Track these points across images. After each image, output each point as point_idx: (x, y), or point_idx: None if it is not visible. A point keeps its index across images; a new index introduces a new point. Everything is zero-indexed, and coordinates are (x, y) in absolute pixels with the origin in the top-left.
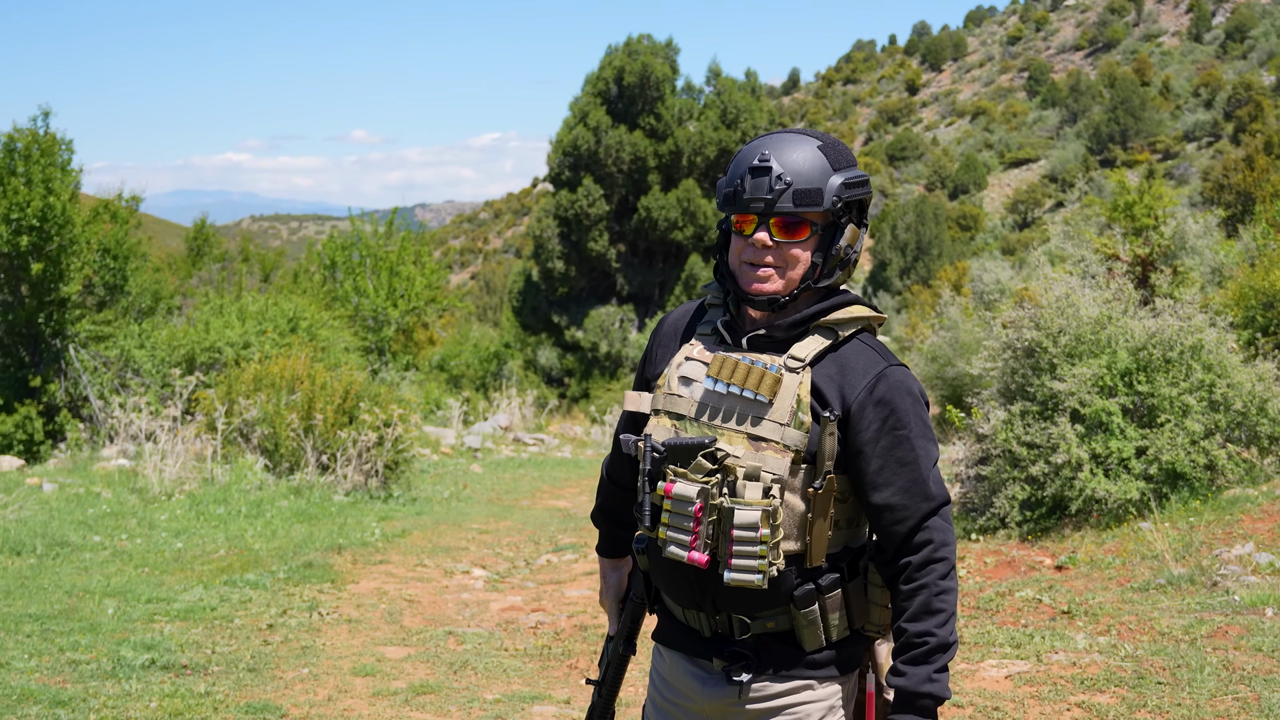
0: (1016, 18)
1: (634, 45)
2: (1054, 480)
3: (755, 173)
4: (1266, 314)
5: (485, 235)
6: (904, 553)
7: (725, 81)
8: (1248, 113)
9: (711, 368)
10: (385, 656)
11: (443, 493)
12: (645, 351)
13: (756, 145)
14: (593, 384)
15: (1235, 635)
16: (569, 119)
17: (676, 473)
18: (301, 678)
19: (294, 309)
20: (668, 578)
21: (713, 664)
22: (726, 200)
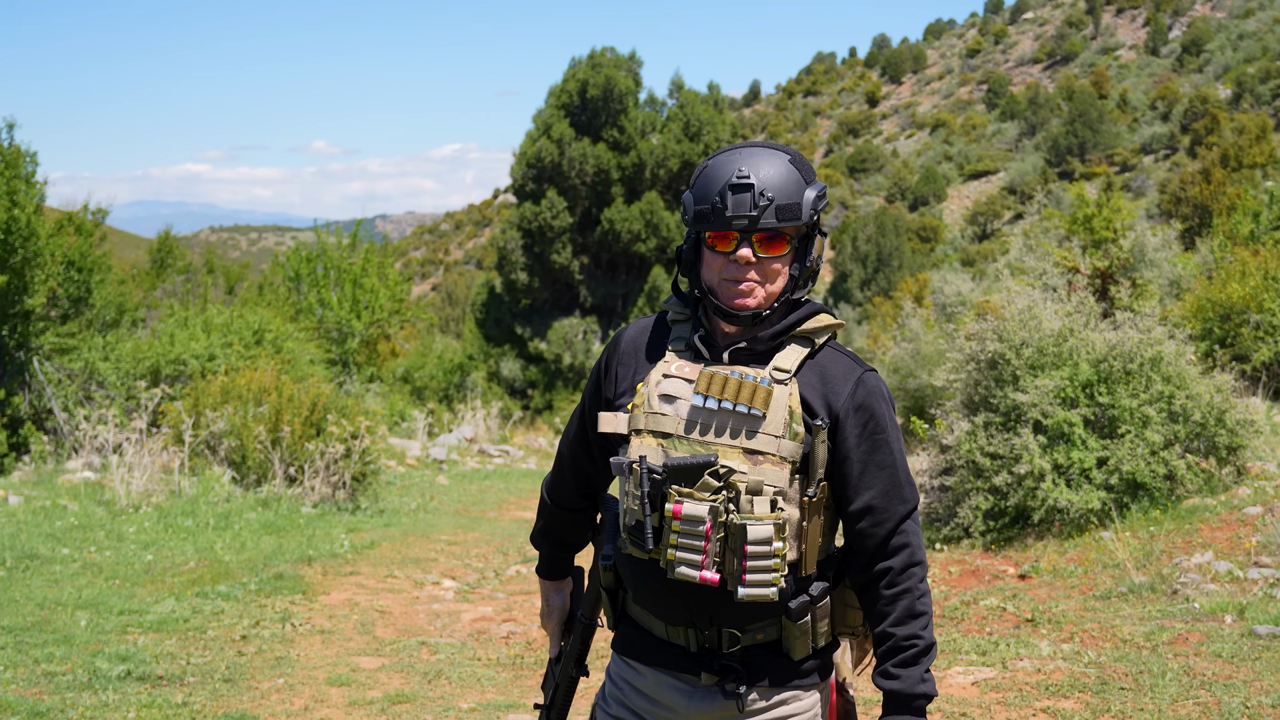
0: (975, 31)
1: (597, 58)
2: (1017, 490)
3: (736, 189)
4: (1223, 326)
5: (446, 246)
6: (882, 556)
7: (688, 94)
8: (1204, 125)
9: (699, 384)
10: (360, 667)
11: (410, 504)
12: (599, 369)
13: (729, 160)
14: (556, 395)
15: (1195, 642)
16: (532, 131)
17: (681, 493)
18: (277, 688)
19: (259, 321)
20: (658, 597)
21: (700, 679)
22: (701, 218)
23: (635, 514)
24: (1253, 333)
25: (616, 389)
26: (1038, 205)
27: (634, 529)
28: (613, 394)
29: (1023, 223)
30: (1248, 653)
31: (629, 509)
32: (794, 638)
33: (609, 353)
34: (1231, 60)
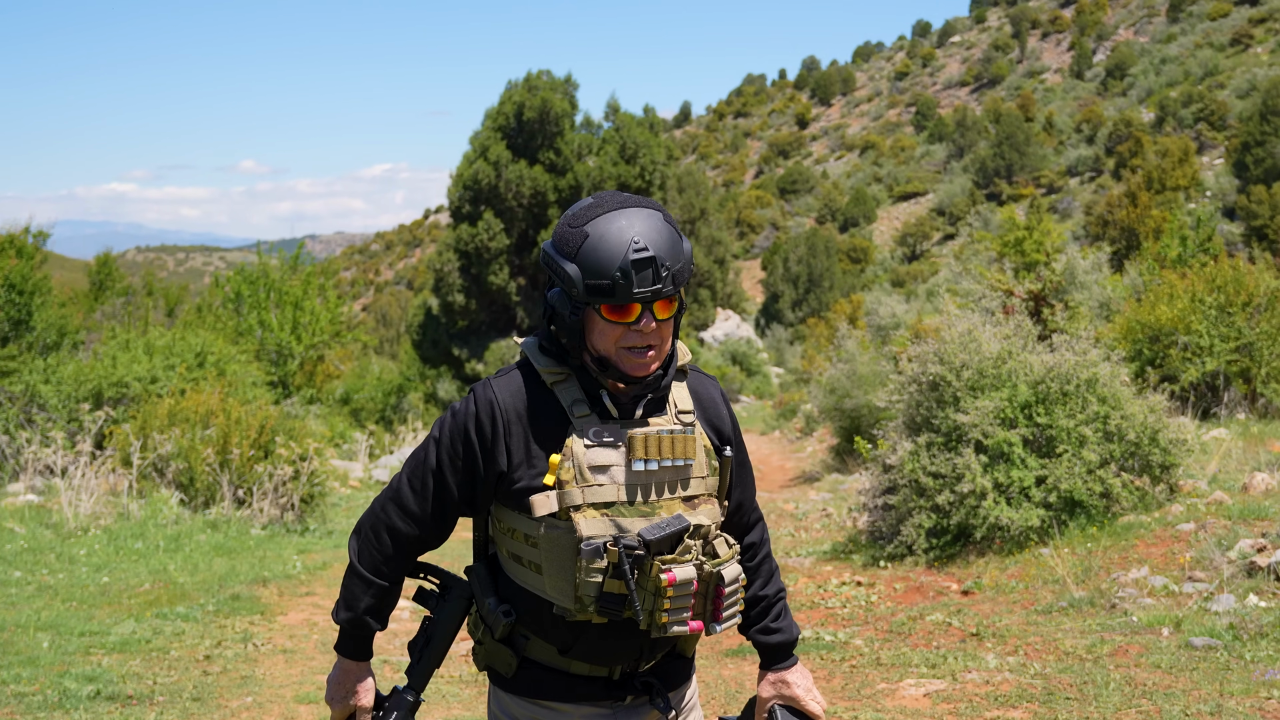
0: (904, 54)
1: (534, 81)
2: (959, 509)
3: (639, 265)
4: (1152, 347)
5: (377, 267)
6: (746, 534)
7: (624, 117)
8: (1128, 148)
9: (637, 449)
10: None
11: None
12: (478, 440)
13: (615, 228)
14: None
15: (1135, 653)
16: (469, 153)
17: (665, 561)
18: (246, 706)
19: (201, 344)
20: (605, 646)
21: (624, 701)
22: (599, 291)
23: (599, 586)
24: (1181, 354)
25: (510, 461)
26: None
27: (604, 600)
28: (507, 467)
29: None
30: (1185, 663)
31: (585, 581)
32: (691, 640)
33: (488, 422)
34: (1154, 84)
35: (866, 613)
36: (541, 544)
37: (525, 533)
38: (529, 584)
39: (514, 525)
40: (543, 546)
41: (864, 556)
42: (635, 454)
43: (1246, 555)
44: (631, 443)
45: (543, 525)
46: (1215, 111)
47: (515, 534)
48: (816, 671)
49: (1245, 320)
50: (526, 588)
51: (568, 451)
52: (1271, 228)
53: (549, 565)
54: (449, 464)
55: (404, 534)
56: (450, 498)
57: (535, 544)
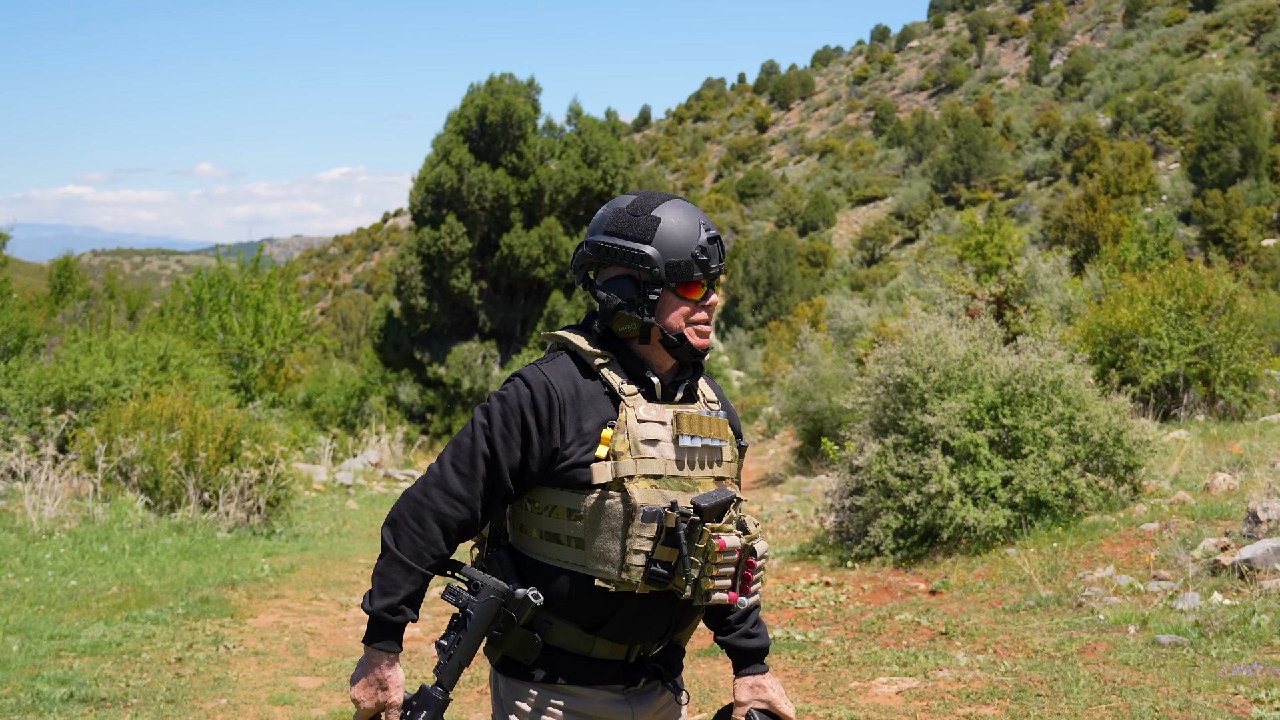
0: (862, 58)
1: (496, 84)
2: (926, 509)
3: (714, 242)
4: (1113, 350)
5: (335, 270)
6: None
7: (586, 121)
8: (1085, 153)
9: (683, 426)
10: (299, 686)
11: (323, 529)
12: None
13: (681, 213)
14: (455, 420)
15: (1103, 651)
16: (431, 156)
17: (715, 529)
18: (221, 708)
19: (164, 347)
20: (634, 623)
21: (638, 685)
22: (684, 269)
23: (650, 554)
24: (1141, 356)
25: (564, 438)
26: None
27: (657, 567)
28: (560, 443)
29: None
30: (1153, 660)
31: (636, 550)
32: (689, 631)
33: (544, 403)
34: (1111, 89)
35: (836, 612)
36: (589, 516)
37: (569, 508)
38: (566, 561)
39: (554, 502)
40: (590, 519)
41: (831, 557)
42: (681, 430)
43: (1210, 554)
44: (678, 419)
45: (593, 497)
46: (1171, 116)
47: (555, 511)
48: (789, 670)
49: (1204, 323)
50: (561, 566)
51: (621, 425)
52: (1226, 232)
53: (598, 536)
54: (502, 446)
55: (451, 518)
56: (501, 480)
57: (580, 518)
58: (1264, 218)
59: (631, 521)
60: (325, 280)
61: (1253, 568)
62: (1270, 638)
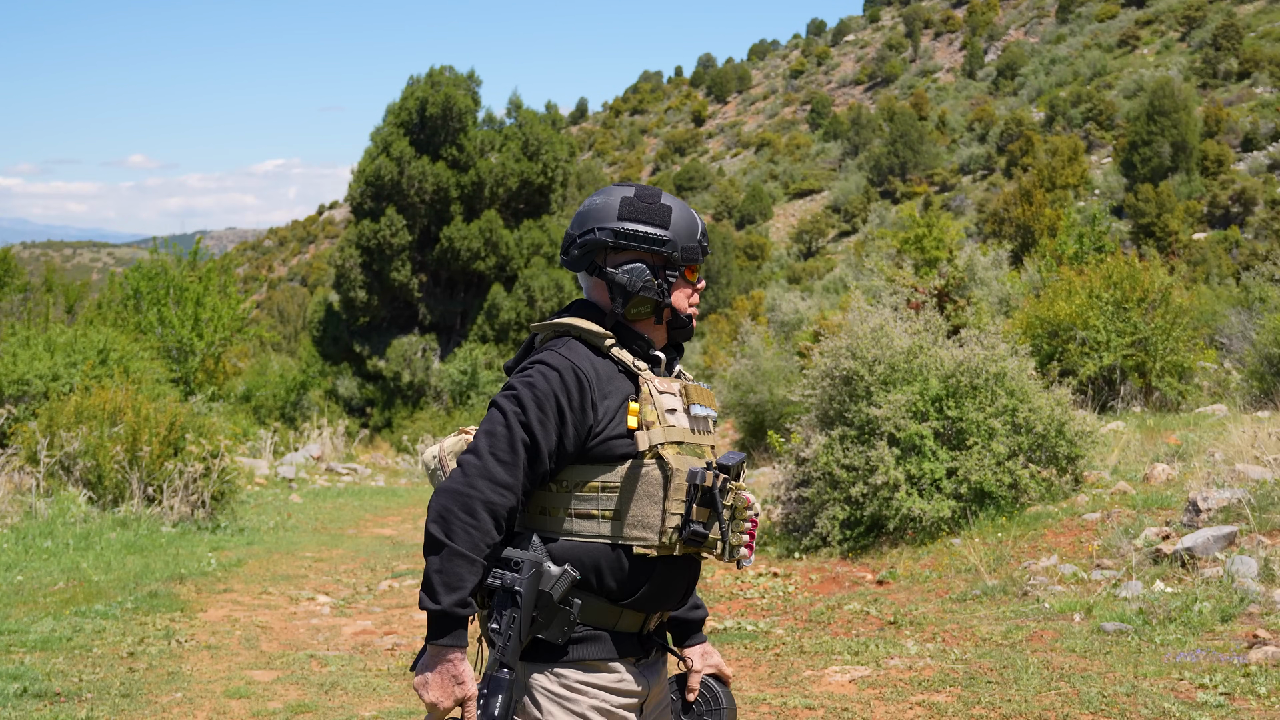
0: (799, 52)
1: (436, 76)
2: (872, 500)
3: (704, 229)
4: (1051, 342)
5: (270, 263)
6: None
7: (527, 114)
8: (1019, 147)
9: (693, 396)
10: (254, 679)
11: (268, 523)
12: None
13: (674, 202)
14: (395, 413)
15: (1050, 639)
16: (371, 149)
17: (738, 486)
18: (177, 701)
19: (104, 341)
20: (661, 590)
21: (650, 656)
22: (693, 253)
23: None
24: (1079, 349)
25: (598, 415)
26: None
27: (696, 528)
28: (595, 423)
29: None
30: (1099, 647)
31: (673, 513)
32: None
33: (574, 386)
34: (1044, 84)
35: (785, 603)
36: (625, 486)
37: (603, 482)
38: (601, 535)
39: (584, 478)
40: (625, 488)
41: (779, 548)
42: (691, 400)
43: (1152, 543)
44: (687, 390)
45: (626, 466)
46: (1103, 111)
47: (587, 487)
48: (742, 660)
49: (1140, 316)
50: (593, 540)
51: (646, 396)
52: (1158, 225)
53: (635, 503)
54: (540, 430)
55: (500, 506)
56: (541, 463)
57: (614, 489)
58: (1195, 211)
59: (669, 485)
60: (260, 273)
61: (1194, 556)
62: (1212, 624)
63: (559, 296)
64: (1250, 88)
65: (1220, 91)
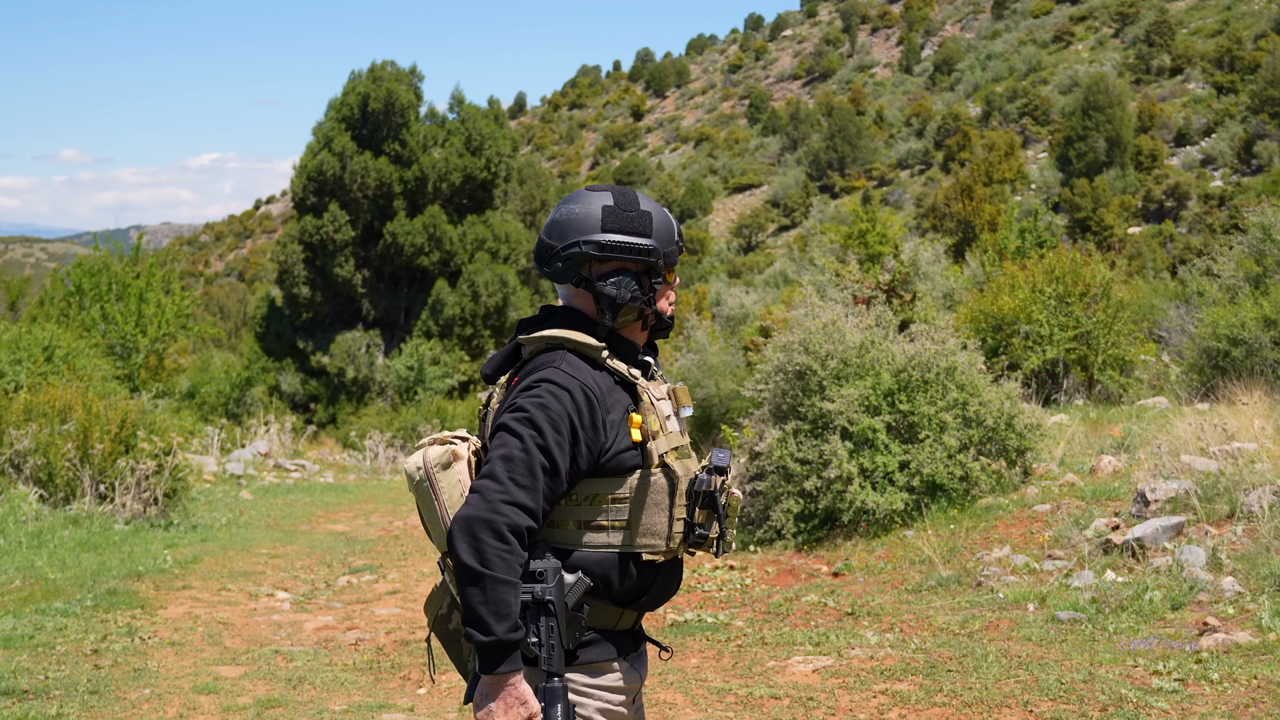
0: (737, 46)
1: (378, 71)
2: (826, 493)
3: (679, 227)
4: (995, 336)
5: (206, 258)
6: None
7: (469, 109)
8: (956, 142)
9: (681, 399)
10: (221, 675)
11: (220, 519)
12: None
13: (652, 205)
14: (339, 409)
15: (1006, 628)
16: (313, 144)
17: (729, 485)
18: (145, 698)
19: (49, 338)
20: (660, 589)
21: (638, 651)
22: (672, 256)
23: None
24: (1023, 342)
25: (607, 432)
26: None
27: (700, 531)
28: (606, 439)
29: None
30: (1054, 636)
31: (678, 519)
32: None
33: (585, 405)
34: (981, 79)
35: (743, 595)
36: (635, 497)
37: (612, 493)
38: (611, 544)
39: (594, 491)
40: (635, 499)
41: (734, 541)
42: (681, 402)
43: (1102, 534)
44: (676, 394)
45: (635, 477)
46: (1039, 106)
47: (597, 500)
48: (705, 652)
49: (1082, 310)
50: (602, 550)
51: (648, 406)
52: (1094, 220)
53: (645, 512)
54: (558, 452)
55: (524, 529)
56: (560, 485)
57: (623, 500)
58: (1130, 206)
59: (676, 492)
60: (197, 268)
61: (1143, 546)
62: (1163, 612)
63: (503, 292)
64: (1183, 83)
65: (1154, 87)
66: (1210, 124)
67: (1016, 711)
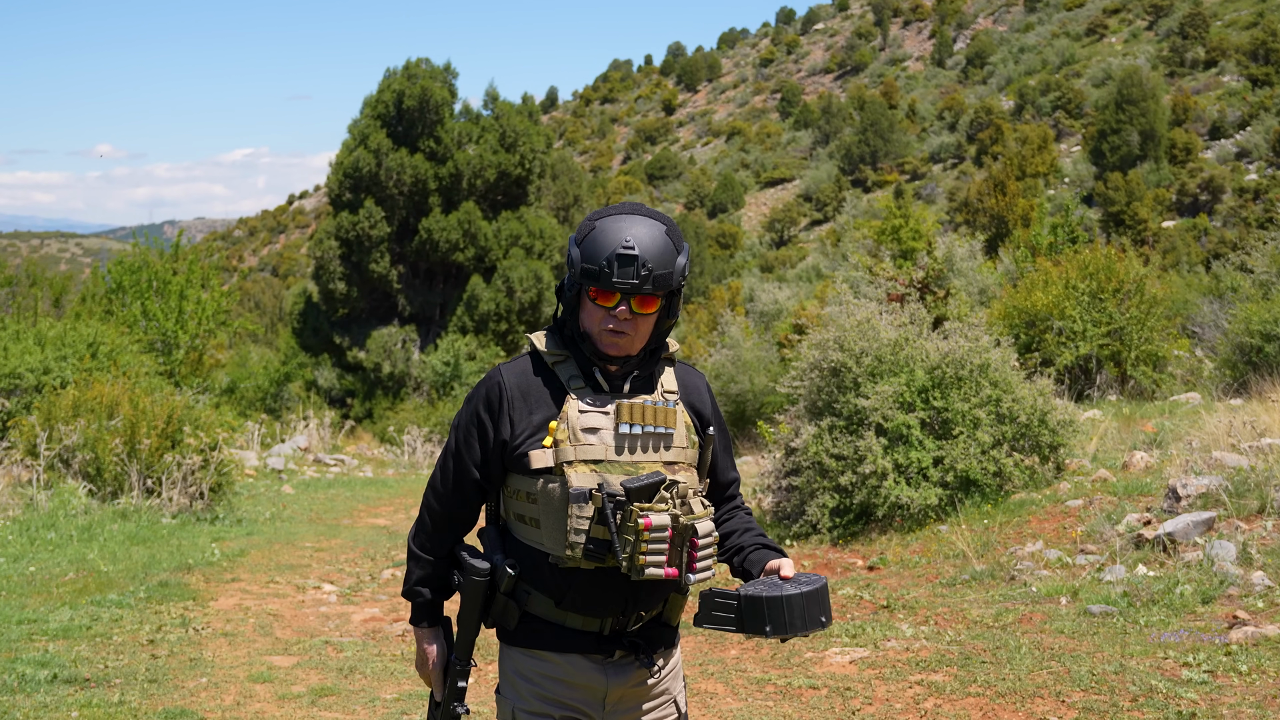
0: (768, 40)
1: (413, 69)
2: (861, 489)
3: (622, 260)
4: (1029, 332)
5: (240, 253)
6: (735, 499)
7: (503, 105)
8: (989, 136)
9: (622, 414)
10: (275, 665)
11: (264, 513)
12: (486, 415)
13: (616, 227)
14: (376, 404)
15: (1039, 621)
16: (349, 141)
17: (643, 508)
18: (203, 686)
19: (93, 334)
20: (593, 596)
21: (613, 656)
22: (588, 275)
23: (588, 533)
24: (1056, 339)
25: (514, 430)
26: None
27: (592, 545)
28: (509, 436)
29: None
30: (1086, 629)
31: (575, 529)
32: (676, 609)
33: (496, 400)
34: (1013, 72)
35: None
36: (540, 498)
37: (527, 491)
38: (530, 539)
39: (519, 487)
40: (540, 501)
41: (771, 535)
42: (621, 418)
43: (1134, 528)
44: (619, 409)
45: (541, 481)
46: (1072, 100)
47: (520, 495)
48: (744, 644)
49: (1116, 306)
50: (528, 543)
51: (564, 416)
52: (1128, 214)
53: (545, 517)
54: (464, 445)
55: (438, 512)
56: (467, 475)
57: (535, 500)
58: (1163, 200)
59: (569, 502)
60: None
61: (1174, 541)
62: (1194, 606)
63: (538, 287)
64: (1217, 76)
65: (1187, 80)
66: (1245, 117)
67: (1049, 701)
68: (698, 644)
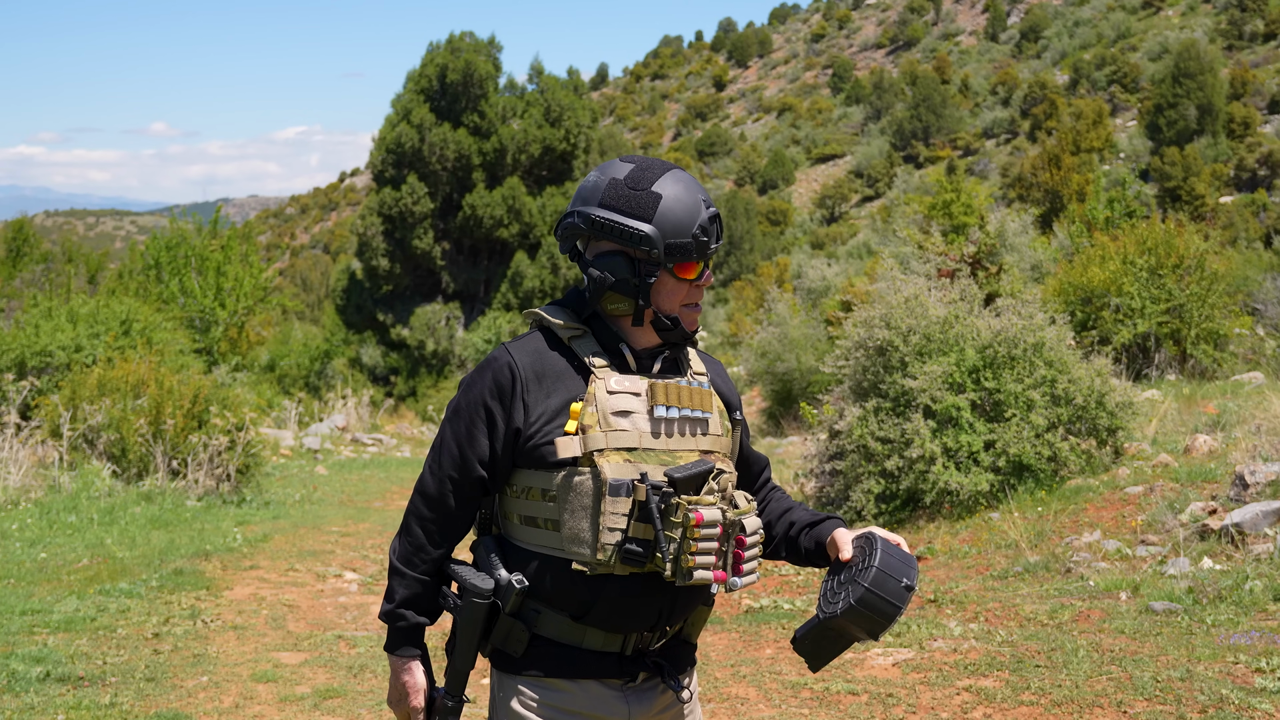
0: (820, 15)
1: (456, 43)
2: (908, 474)
3: (715, 221)
4: (1085, 309)
5: (292, 231)
6: (765, 482)
7: (548, 80)
8: (1043, 110)
9: (658, 396)
10: (281, 662)
11: (293, 495)
12: (497, 402)
13: (674, 190)
14: (419, 382)
15: (1097, 619)
16: (391, 116)
17: (692, 501)
18: (202, 685)
19: (126, 311)
20: (623, 608)
21: (636, 680)
22: (683, 250)
23: (625, 531)
24: (1113, 316)
25: (528, 417)
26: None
27: (627, 546)
28: (524, 423)
29: (871, 206)
30: (1149, 628)
31: (610, 528)
32: (699, 623)
33: (505, 383)
34: (1068, 46)
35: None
36: (561, 494)
37: (542, 488)
38: (544, 544)
39: (530, 484)
40: (562, 497)
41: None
42: (656, 400)
43: (1198, 518)
44: (653, 390)
45: (563, 474)
46: (1128, 74)
47: (531, 493)
48: (780, 641)
49: (1175, 282)
50: (540, 550)
51: (590, 398)
52: (1185, 189)
53: (570, 515)
54: (467, 439)
55: (430, 521)
56: (470, 475)
57: (553, 498)
58: (1221, 175)
59: (602, 497)
60: (283, 241)
61: (1242, 532)
62: (1265, 604)
63: None
64: (1276, 49)
65: (1246, 53)
66: None
67: (1109, 712)
68: (731, 641)
